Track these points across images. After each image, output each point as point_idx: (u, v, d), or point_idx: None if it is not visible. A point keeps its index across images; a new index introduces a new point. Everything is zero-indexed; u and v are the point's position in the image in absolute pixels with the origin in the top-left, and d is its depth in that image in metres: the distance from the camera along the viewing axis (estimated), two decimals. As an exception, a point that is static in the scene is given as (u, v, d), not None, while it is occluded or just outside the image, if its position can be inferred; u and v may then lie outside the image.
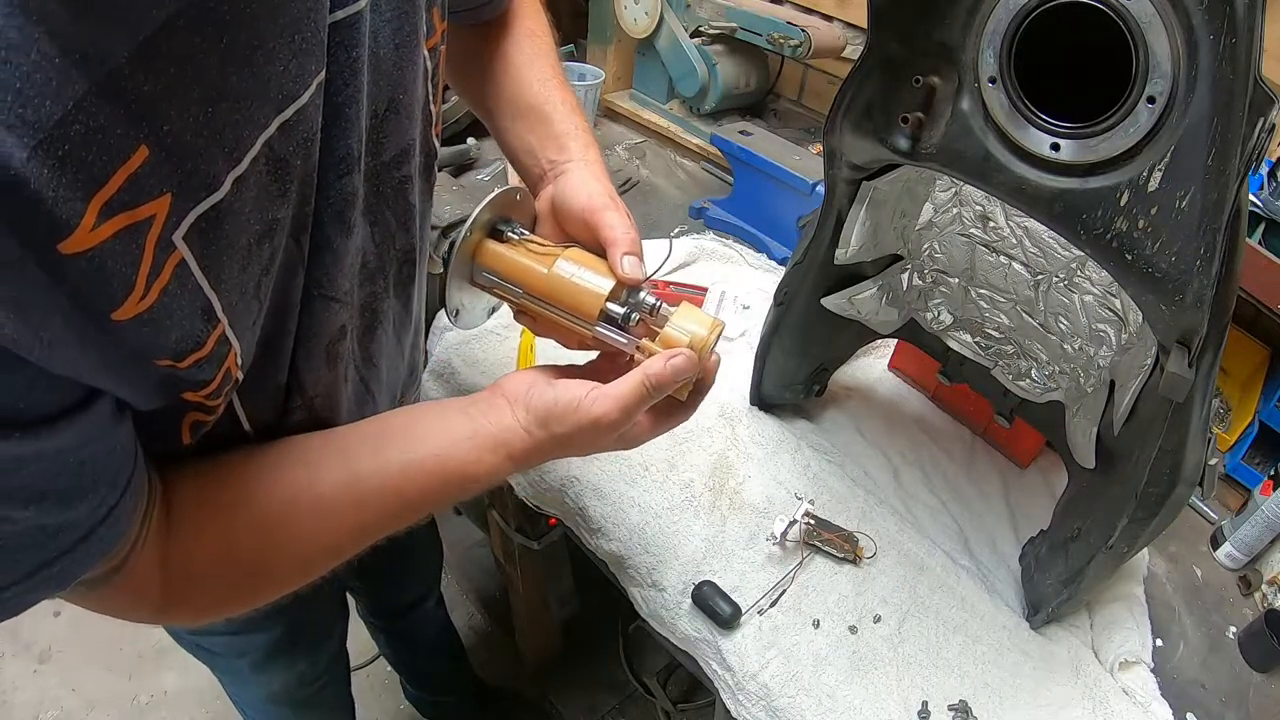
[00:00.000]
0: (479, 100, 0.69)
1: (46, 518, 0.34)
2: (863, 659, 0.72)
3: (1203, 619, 0.85)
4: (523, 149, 0.65)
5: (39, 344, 0.30)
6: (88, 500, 0.36)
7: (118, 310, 0.33)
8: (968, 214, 0.82)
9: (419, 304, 0.64)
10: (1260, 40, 0.44)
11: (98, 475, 0.37)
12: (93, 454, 0.36)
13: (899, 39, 0.58)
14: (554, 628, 1.53)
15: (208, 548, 0.46)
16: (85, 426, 0.34)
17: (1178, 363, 0.54)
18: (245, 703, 0.98)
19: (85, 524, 0.37)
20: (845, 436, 0.97)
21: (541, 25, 0.70)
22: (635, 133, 1.64)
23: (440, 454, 0.52)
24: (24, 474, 0.32)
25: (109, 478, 0.37)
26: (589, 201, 0.57)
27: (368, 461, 0.51)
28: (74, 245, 0.30)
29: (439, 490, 0.52)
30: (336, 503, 0.50)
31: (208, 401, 0.43)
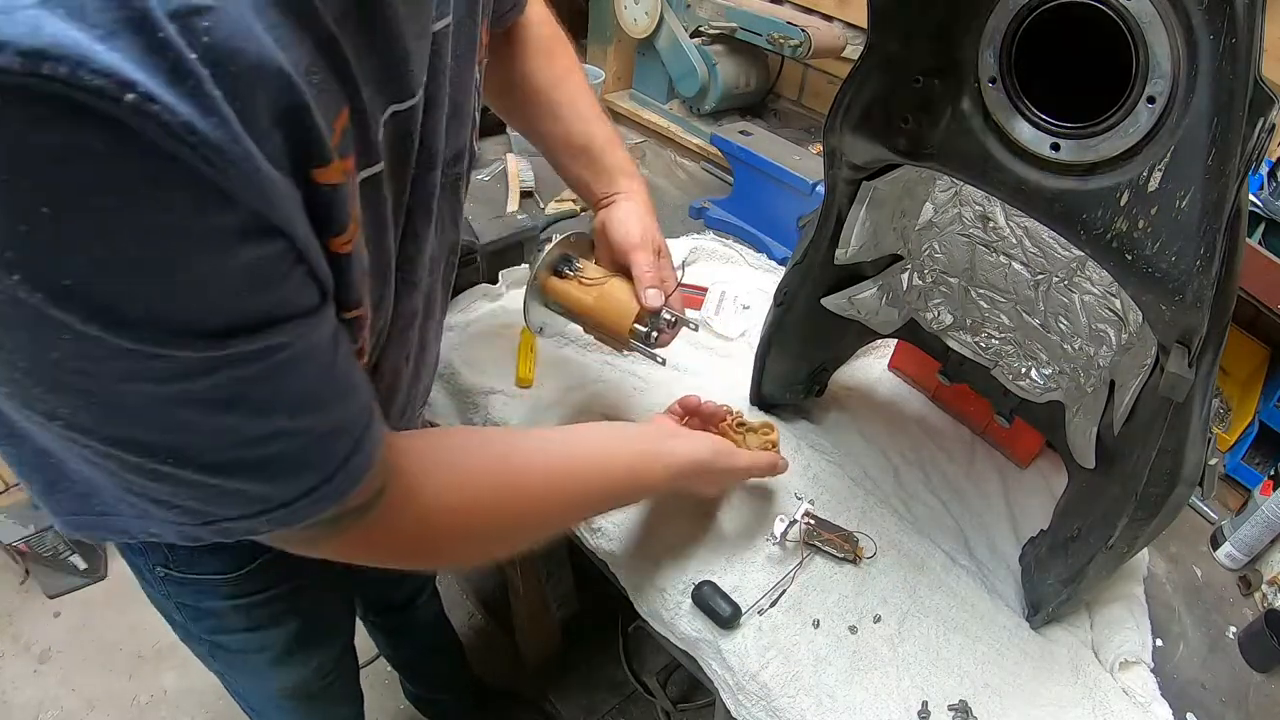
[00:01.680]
0: (534, 136, 0.83)
1: (324, 423, 0.38)
2: (863, 659, 0.72)
3: (1203, 619, 0.85)
4: (577, 182, 0.81)
5: (312, 244, 0.34)
6: (355, 400, 0.40)
7: (335, 239, 0.37)
8: (968, 214, 0.82)
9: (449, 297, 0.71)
10: (1260, 40, 0.44)
11: (353, 371, 0.40)
12: (340, 352, 0.39)
13: (899, 39, 0.58)
14: (554, 628, 1.53)
15: (453, 485, 0.51)
16: (330, 319, 0.38)
17: (1178, 363, 0.54)
18: (259, 700, 0.98)
19: (354, 430, 0.40)
20: (845, 436, 0.97)
21: (573, 59, 0.82)
22: (635, 133, 1.64)
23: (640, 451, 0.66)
24: (306, 371, 0.36)
25: (361, 379, 0.41)
26: (624, 240, 0.74)
27: (588, 447, 0.63)
28: (325, 176, 0.34)
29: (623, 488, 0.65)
30: (564, 472, 0.59)
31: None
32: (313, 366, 0.36)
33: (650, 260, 0.73)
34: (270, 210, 0.31)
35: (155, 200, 0.27)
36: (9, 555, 1.69)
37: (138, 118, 0.25)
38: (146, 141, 0.26)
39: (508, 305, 1.05)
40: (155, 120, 0.26)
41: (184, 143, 0.27)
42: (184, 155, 0.27)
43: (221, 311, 0.31)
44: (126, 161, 0.26)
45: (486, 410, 0.91)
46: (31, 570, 1.70)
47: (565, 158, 0.81)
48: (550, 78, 0.79)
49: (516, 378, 0.94)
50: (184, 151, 0.27)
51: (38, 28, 0.23)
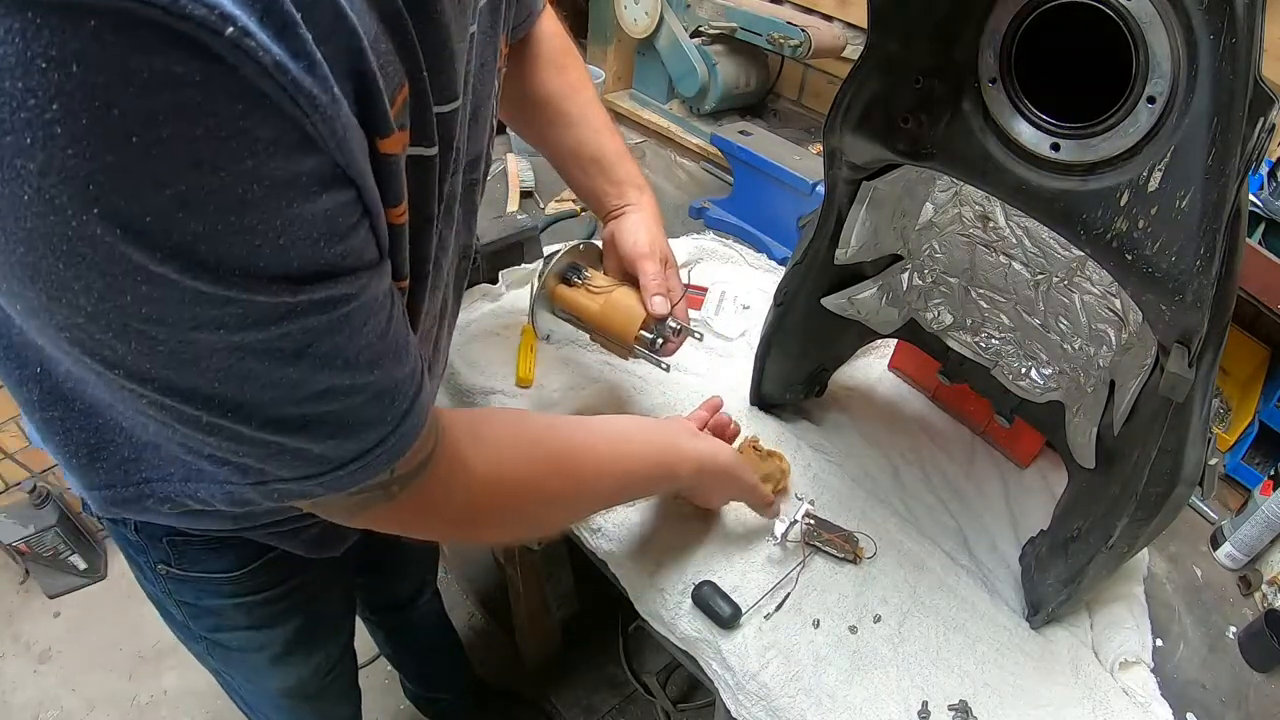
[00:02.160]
0: (545, 147, 0.85)
1: (385, 379, 0.38)
2: (863, 659, 0.72)
3: (1203, 619, 0.85)
4: (588, 193, 0.82)
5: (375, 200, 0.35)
6: (408, 359, 0.40)
7: (392, 210, 0.37)
8: (968, 214, 0.82)
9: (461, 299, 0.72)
10: (1260, 40, 0.44)
11: (403, 334, 0.40)
12: (395, 309, 0.39)
13: (899, 39, 0.58)
14: (554, 628, 1.53)
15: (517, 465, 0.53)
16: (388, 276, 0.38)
17: (1178, 363, 0.54)
18: (256, 699, 0.98)
19: (408, 391, 0.40)
20: (845, 436, 0.97)
21: (583, 71, 0.83)
22: (635, 133, 1.64)
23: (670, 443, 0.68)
24: (369, 328, 0.36)
25: (409, 341, 0.41)
26: (632, 250, 0.76)
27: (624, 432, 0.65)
28: (387, 146, 0.35)
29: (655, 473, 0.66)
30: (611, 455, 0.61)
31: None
32: (373, 321, 0.36)
33: (657, 269, 0.75)
34: (348, 161, 0.31)
35: (243, 138, 0.27)
36: (9, 555, 1.69)
37: (235, 52, 0.25)
38: (241, 77, 0.26)
39: (508, 305, 1.05)
40: (251, 56, 0.26)
41: (276, 82, 0.27)
42: (274, 94, 0.27)
43: (296, 257, 0.31)
44: (220, 96, 0.26)
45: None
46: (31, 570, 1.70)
47: (576, 169, 0.82)
48: (562, 89, 0.81)
49: (516, 378, 0.94)
50: (275, 91, 0.27)
51: None
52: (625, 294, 0.76)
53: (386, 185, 0.36)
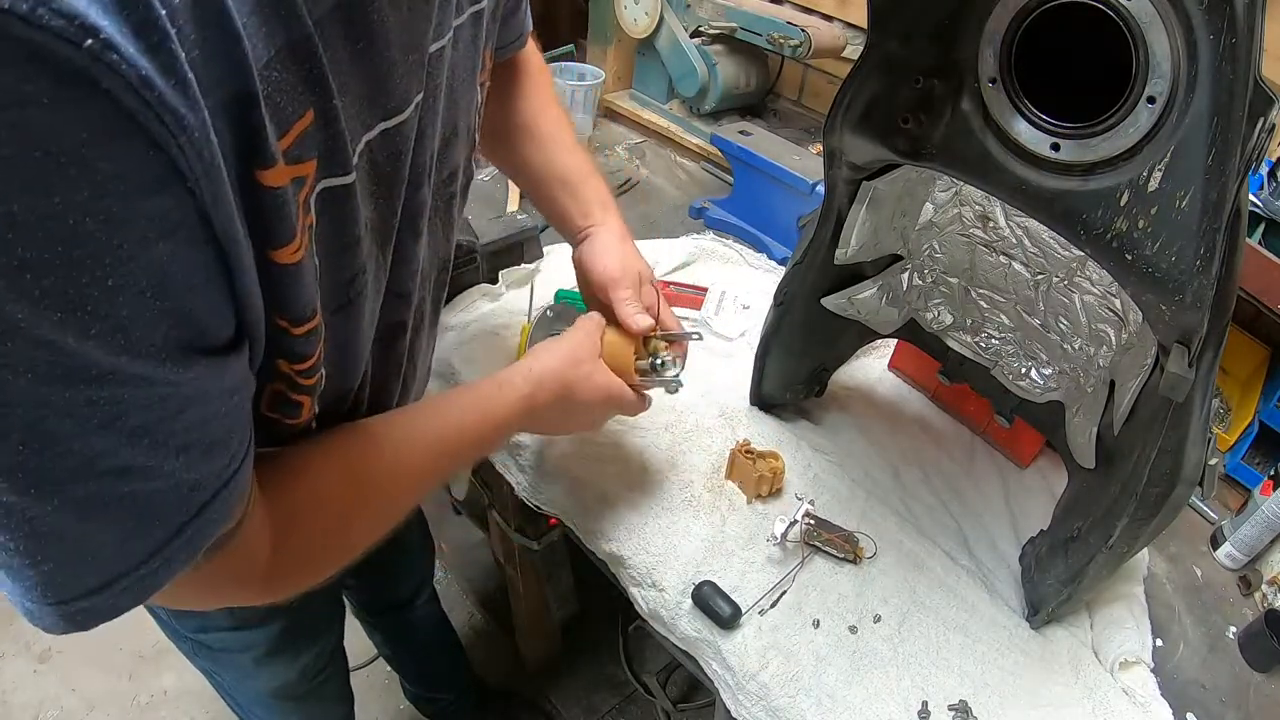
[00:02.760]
0: (513, 170, 0.84)
1: (189, 472, 0.35)
2: (863, 659, 0.72)
3: (1203, 619, 0.85)
4: (555, 215, 0.80)
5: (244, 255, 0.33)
6: (220, 457, 0.37)
7: (278, 251, 0.36)
8: (968, 214, 0.82)
9: (441, 310, 0.71)
10: (1260, 40, 0.44)
11: (233, 429, 0.38)
12: (235, 405, 0.37)
13: (899, 39, 0.58)
14: (554, 628, 1.53)
15: (304, 501, 0.49)
16: (238, 370, 0.36)
17: (1178, 363, 0.54)
18: (248, 701, 0.98)
19: (212, 485, 0.37)
20: (845, 436, 0.97)
21: (552, 90, 0.82)
22: (635, 133, 1.64)
23: (479, 399, 0.62)
24: (186, 416, 0.33)
25: (240, 433, 0.38)
26: (602, 275, 0.73)
27: (427, 415, 0.59)
28: (270, 178, 0.33)
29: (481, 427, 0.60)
30: (409, 446, 0.56)
31: (301, 380, 0.44)
32: (199, 414, 0.34)
33: (629, 294, 0.72)
34: (212, 199, 0.29)
35: (97, 161, 0.26)
36: (9, 555, 1.69)
37: (96, 65, 0.24)
38: (102, 91, 0.25)
39: (507, 305, 1.05)
40: (113, 69, 0.24)
41: (141, 98, 0.25)
42: (138, 111, 0.26)
43: (130, 313, 0.29)
44: (75, 112, 0.25)
45: (486, 410, 0.91)
46: (31, 570, 1.70)
47: (544, 189, 0.80)
48: (533, 108, 0.80)
49: (516, 378, 0.94)
50: (139, 107, 0.26)
51: None
52: (610, 336, 0.72)
53: (269, 222, 0.34)
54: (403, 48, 0.42)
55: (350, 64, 0.38)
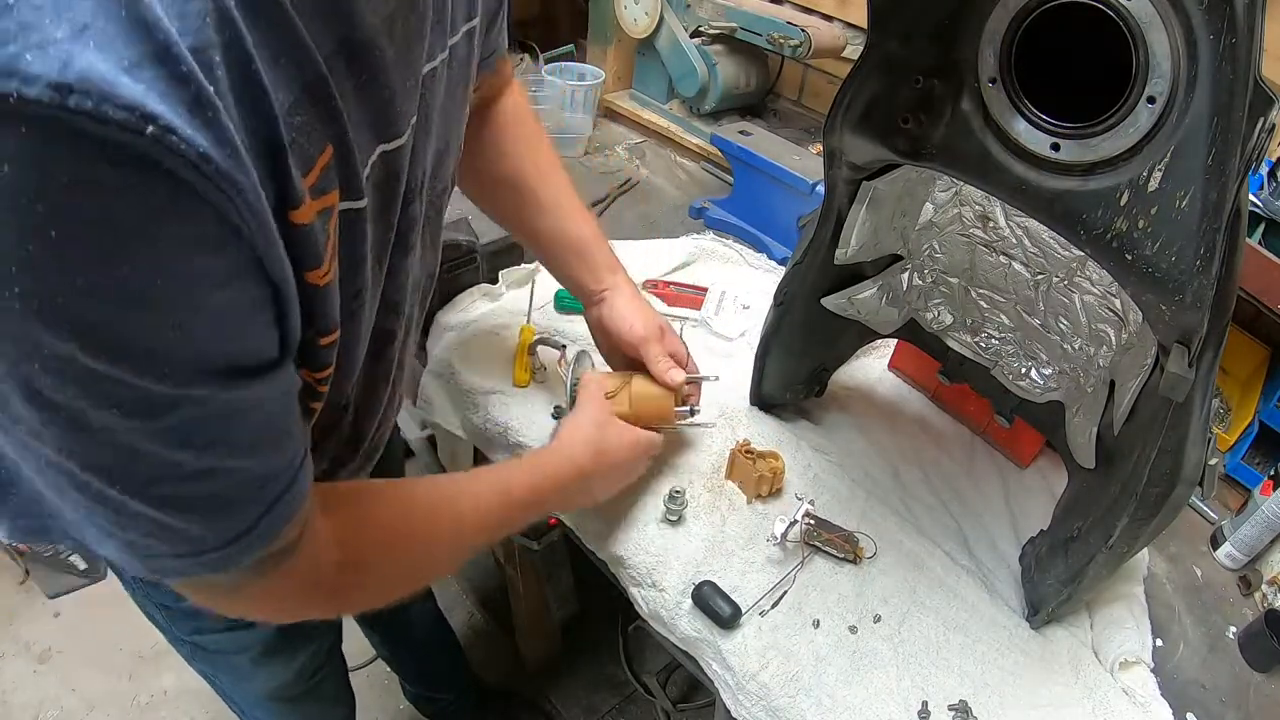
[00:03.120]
0: (521, 232, 0.87)
1: (263, 466, 0.40)
2: (863, 659, 0.72)
3: (1203, 619, 0.85)
4: (567, 281, 0.85)
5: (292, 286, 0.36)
6: (289, 447, 0.42)
7: (311, 273, 0.39)
8: (968, 214, 0.82)
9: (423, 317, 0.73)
10: (1260, 40, 0.44)
11: (293, 423, 0.42)
12: (290, 401, 0.41)
13: (899, 39, 0.58)
14: (554, 628, 1.53)
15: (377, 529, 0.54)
16: (286, 374, 0.40)
17: (1178, 363, 0.54)
18: (244, 701, 0.99)
19: (286, 474, 0.42)
20: (845, 436, 0.97)
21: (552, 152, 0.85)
22: (635, 133, 1.64)
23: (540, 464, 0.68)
24: (252, 420, 0.38)
25: (299, 426, 0.43)
26: (630, 335, 0.79)
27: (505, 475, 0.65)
28: (300, 216, 0.36)
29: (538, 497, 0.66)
30: (483, 498, 0.61)
31: (318, 387, 0.48)
32: (261, 414, 0.38)
33: (659, 350, 0.78)
34: (265, 249, 0.33)
35: (153, 238, 0.29)
36: (9, 555, 1.69)
37: (157, 148, 0.27)
38: (164, 171, 0.27)
39: (507, 305, 1.05)
40: (173, 150, 0.27)
41: (200, 172, 0.28)
42: (199, 184, 0.28)
43: (199, 350, 0.33)
44: (141, 192, 0.28)
45: (486, 409, 0.91)
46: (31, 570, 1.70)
47: (555, 255, 0.85)
48: (534, 172, 0.82)
49: (514, 378, 0.94)
50: (199, 181, 0.28)
51: (68, 62, 0.25)
52: (641, 385, 0.79)
53: (301, 251, 0.37)
54: (400, 75, 0.44)
55: (355, 96, 0.41)
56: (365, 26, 0.40)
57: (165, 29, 0.27)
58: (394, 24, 0.42)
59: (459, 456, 1.10)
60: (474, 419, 0.93)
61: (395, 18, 0.43)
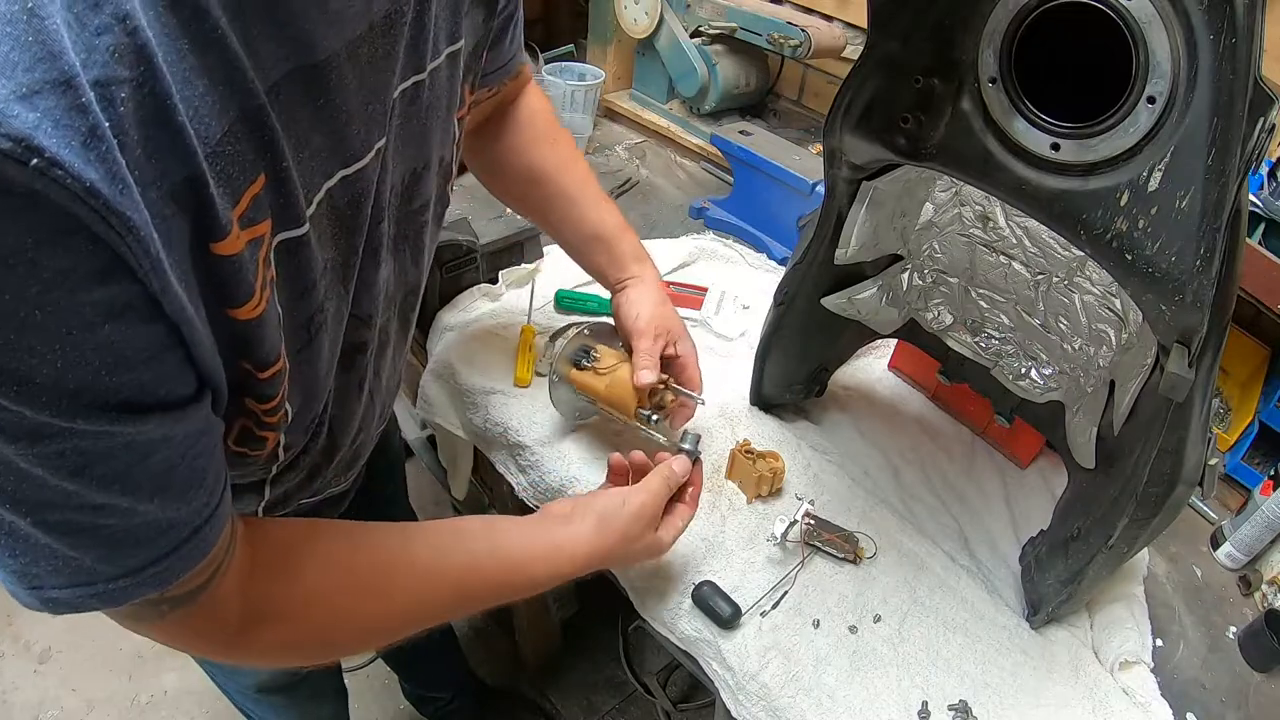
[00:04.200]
0: (546, 224, 0.87)
1: (165, 512, 0.38)
2: (863, 659, 0.72)
3: (1203, 619, 0.85)
4: (592, 269, 0.86)
5: (199, 327, 0.35)
6: (198, 497, 0.40)
7: (237, 310, 0.38)
8: (968, 214, 0.82)
9: (412, 327, 0.72)
10: (1260, 40, 0.44)
11: (205, 471, 0.40)
12: (203, 446, 0.40)
13: (899, 39, 0.58)
14: (554, 628, 1.53)
15: (293, 588, 0.49)
16: (202, 416, 0.38)
17: (1178, 363, 0.54)
18: (235, 692, 1.00)
19: (193, 522, 0.40)
20: (845, 436, 0.97)
21: (573, 146, 0.85)
22: (635, 133, 1.63)
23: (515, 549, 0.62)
24: (153, 462, 0.36)
25: (214, 474, 0.41)
26: (631, 326, 0.79)
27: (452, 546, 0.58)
28: (224, 248, 0.35)
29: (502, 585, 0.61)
30: (426, 575, 0.55)
31: (266, 418, 0.46)
32: (161, 456, 0.37)
33: (649, 345, 0.77)
34: (160, 287, 0.32)
35: (44, 263, 0.28)
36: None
37: (42, 180, 0.26)
38: (50, 203, 0.27)
39: (507, 305, 1.05)
40: (59, 184, 0.27)
41: (88, 206, 0.28)
42: (86, 218, 0.28)
43: (74, 383, 0.31)
44: (25, 222, 0.27)
45: (486, 410, 0.91)
46: (31, 570, 1.70)
47: (580, 245, 0.85)
48: (556, 165, 0.82)
49: (515, 377, 0.94)
50: (87, 214, 0.28)
51: None
52: (627, 372, 0.79)
53: (228, 287, 0.37)
54: (362, 100, 0.44)
55: (310, 121, 0.40)
56: (323, 50, 0.39)
57: (70, 60, 0.27)
58: (359, 48, 0.42)
59: (459, 456, 1.10)
60: (474, 419, 0.93)
61: (361, 41, 0.42)
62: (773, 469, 0.83)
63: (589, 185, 0.84)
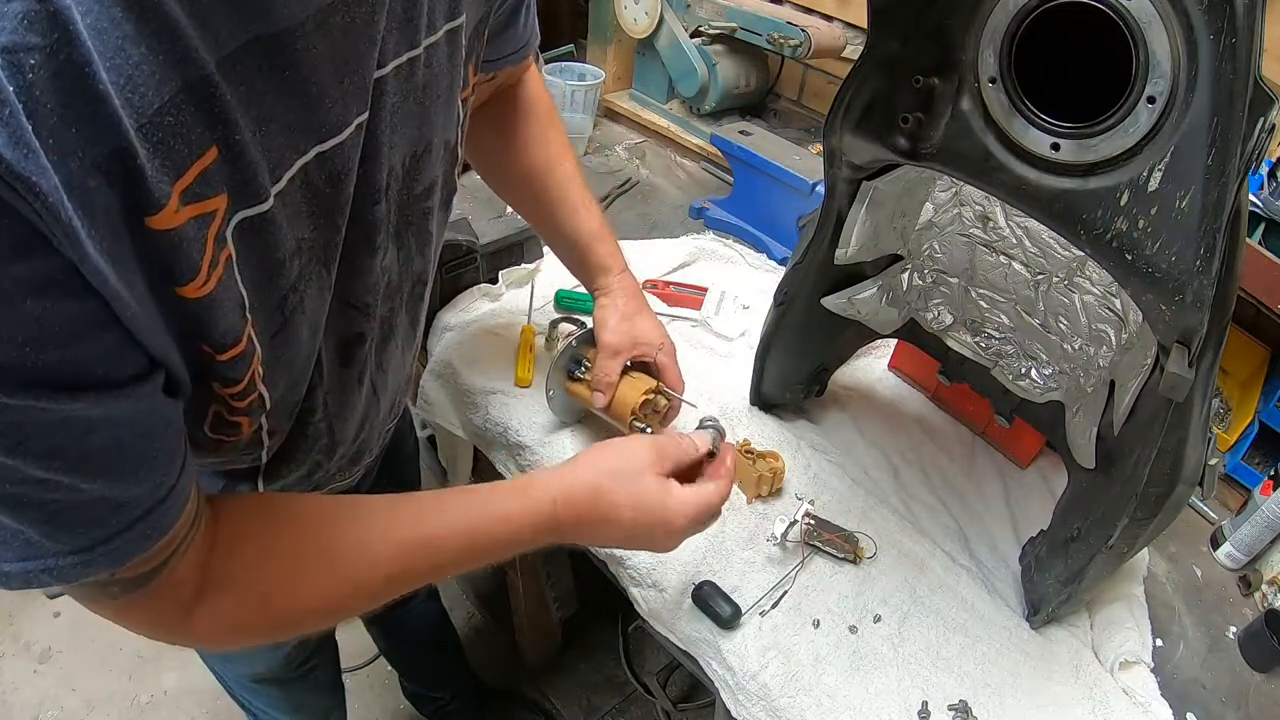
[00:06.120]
0: (538, 231, 0.90)
1: (112, 490, 0.37)
2: (863, 659, 0.72)
3: (1203, 619, 0.85)
4: (574, 270, 0.87)
5: (131, 303, 0.34)
6: (150, 478, 0.39)
7: (183, 288, 0.37)
8: (968, 214, 0.82)
9: (423, 321, 0.71)
10: (1260, 40, 0.44)
11: (158, 452, 0.39)
12: (153, 426, 0.38)
13: (899, 39, 0.58)
14: (554, 627, 1.53)
15: (248, 562, 0.48)
16: (149, 395, 0.37)
17: (1178, 363, 0.54)
18: (235, 683, 1.00)
19: (145, 503, 0.39)
20: (845, 436, 0.97)
21: (565, 143, 0.84)
22: (635, 133, 1.64)
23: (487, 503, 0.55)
24: (95, 439, 0.35)
25: (167, 456, 0.40)
26: (603, 346, 0.80)
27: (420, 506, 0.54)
28: (160, 222, 0.34)
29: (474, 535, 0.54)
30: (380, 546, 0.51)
31: (235, 402, 0.45)
32: (109, 435, 0.36)
33: (604, 363, 0.79)
34: (78, 256, 0.30)
35: None
36: (9, 555, 1.69)
37: None
38: None
39: (507, 305, 1.05)
40: None
41: None
42: None
43: (11, 361, 0.31)
44: None
45: (486, 410, 0.91)
46: (31, 570, 1.70)
47: (561, 253, 0.87)
48: (544, 162, 0.82)
49: (516, 377, 0.94)
50: None
51: None
52: (625, 382, 0.80)
53: (169, 262, 0.35)
54: (336, 72, 0.42)
55: (276, 93, 0.39)
56: (287, 19, 0.37)
57: None
58: (330, 16, 0.40)
59: (459, 456, 1.10)
60: (474, 419, 0.93)
61: (333, 10, 0.40)
62: (773, 469, 0.83)
63: (572, 188, 0.83)
